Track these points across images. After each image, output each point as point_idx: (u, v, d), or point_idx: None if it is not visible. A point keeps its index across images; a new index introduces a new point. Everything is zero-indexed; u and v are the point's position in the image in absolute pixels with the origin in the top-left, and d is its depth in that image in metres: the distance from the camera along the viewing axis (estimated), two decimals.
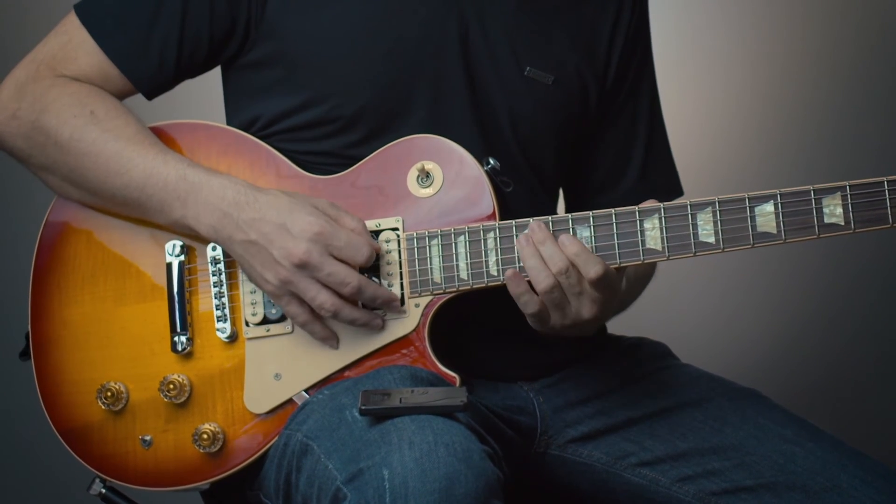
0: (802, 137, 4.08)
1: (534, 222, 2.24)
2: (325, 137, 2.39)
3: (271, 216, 2.24)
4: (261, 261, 2.25)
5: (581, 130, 2.52)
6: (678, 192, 2.62)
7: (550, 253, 2.20)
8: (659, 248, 2.23)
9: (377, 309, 2.29)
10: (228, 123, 2.45)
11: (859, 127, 4.06)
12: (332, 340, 2.30)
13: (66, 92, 2.34)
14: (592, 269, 2.19)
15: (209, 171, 2.30)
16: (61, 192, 2.39)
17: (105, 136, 2.32)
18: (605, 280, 2.19)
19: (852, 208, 2.19)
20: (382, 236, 2.31)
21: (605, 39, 2.50)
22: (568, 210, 2.60)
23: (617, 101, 2.55)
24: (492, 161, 2.34)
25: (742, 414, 2.43)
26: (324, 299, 2.24)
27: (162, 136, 2.37)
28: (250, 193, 2.26)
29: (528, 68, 2.42)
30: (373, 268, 2.30)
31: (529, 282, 2.22)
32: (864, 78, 4.06)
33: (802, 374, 4.05)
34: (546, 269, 2.20)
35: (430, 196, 2.32)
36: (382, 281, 2.30)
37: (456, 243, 2.28)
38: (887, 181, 2.19)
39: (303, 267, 2.23)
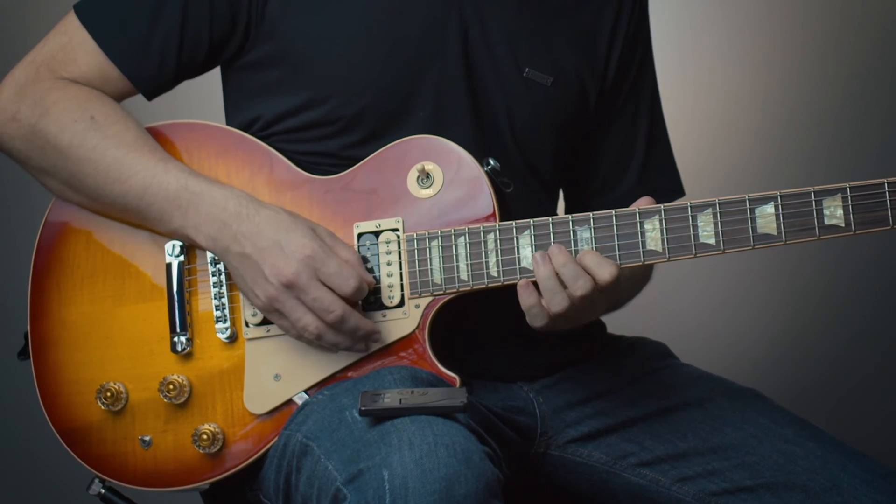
0: (802, 137, 4.08)
1: (554, 245, 2.22)
2: (325, 138, 2.38)
3: (268, 232, 2.23)
4: (252, 275, 2.24)
5: (580, 131, 2.51)
6: (680, 193, 2.61)
7: (574, 274, 2.19)
8: (659, 249, 2.23)
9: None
10: (228, 124, 2.45)
11: (859, 127, 4.05)
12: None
13: (66, 96, 2.33)
14: (607, 272, 2.18)
15: (211, 181, 2.29)
16: (60, 194, 2.38)
17: (105, 143, 2.31)
18: (616, 282, 2.19)
19: (853, 210, 2.19)
20: (382, 237, 2.30)
21: (604, 40, 2.50)
22: (568, 210, 2.60)
23: (617, 101, 2.54)
24: (492, 162, 2.34)
25: (742, 414, 2.43)
26: (307, 322, 2.23)
27: (161, 136, 2.37)
28: (251, 206, 2.26)
29: (527, 69, 2.42)
30: (374, 269, 2.30)
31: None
32: (864, 78, 4.05)
33: (802, 374, 4.05)
34: (563, 293, 2.19)
35: (431, 197, 2.31)
36: (383, 282, 2.30)
37: (456, 244, 2.28)
38: (887, 183, 2.19)
39: (290, 287, 2.22)
